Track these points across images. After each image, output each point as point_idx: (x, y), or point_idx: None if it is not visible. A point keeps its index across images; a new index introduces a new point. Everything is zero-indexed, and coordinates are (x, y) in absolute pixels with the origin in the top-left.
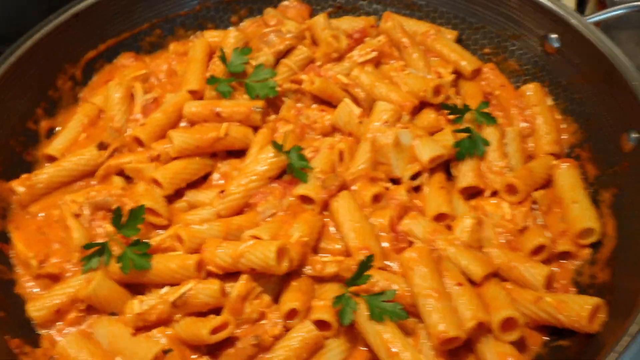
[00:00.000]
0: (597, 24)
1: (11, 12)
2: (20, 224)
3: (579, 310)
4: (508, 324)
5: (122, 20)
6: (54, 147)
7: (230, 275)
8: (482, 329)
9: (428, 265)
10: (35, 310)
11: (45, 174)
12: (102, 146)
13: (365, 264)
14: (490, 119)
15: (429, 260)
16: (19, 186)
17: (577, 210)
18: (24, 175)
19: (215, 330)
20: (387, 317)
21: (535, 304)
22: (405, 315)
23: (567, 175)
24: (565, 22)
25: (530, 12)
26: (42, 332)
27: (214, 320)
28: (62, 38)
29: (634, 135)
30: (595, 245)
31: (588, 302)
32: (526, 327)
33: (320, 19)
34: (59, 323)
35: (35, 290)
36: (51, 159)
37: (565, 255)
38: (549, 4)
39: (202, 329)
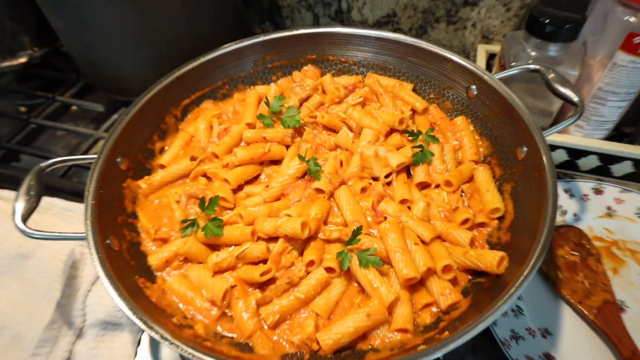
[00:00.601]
0: (501, 79)
1: (137, 75)
2: (143, 207)
3: (491, 260)
4: (447, 268)
5: (205, 80)
6: (164, 159)
7: (272, 239)
8: (430, 272)
9: (396, 232)
10: (153, 260)
11: (158, 175)
12: (193, 158)
13: (357, 231)
14: (435, 139)
15: (397, 228)
16: (142, 183)
17: (490, 196)
18: (145, 177)
19: (262, 274)
20: (370, 265)
21: (464, 255)
22: (381, 263)
23: (482, 174)
24: (480, 78)
25: (458, 72)
26: (158, 274)
27: (263, 267)
28: (169, 91)
29: (524, 149)
30: (500, 219)
31: (497, 255)
32: (458, 270)
33: (327, 78)
34: (167, 269)
35: (153, 248)
36: (162, 166)
37: (481, 224)
38: (471, 67)
39: (255, 273)
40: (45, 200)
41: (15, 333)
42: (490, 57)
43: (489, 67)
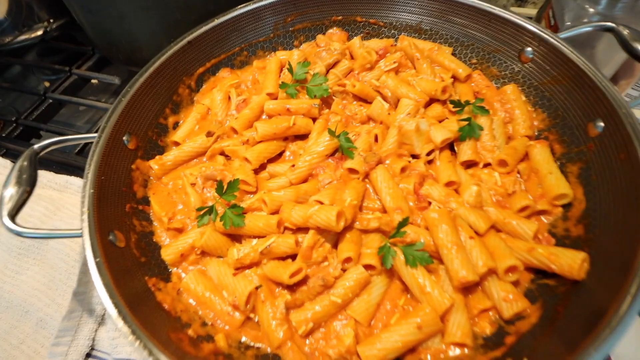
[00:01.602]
0: (566, 39)
1: (150, 43)
2: (156, 190)
3: (571, 262)
4: (510, 269)
5: (221, 46)
6: (177, 135)
7: (301, 229)
8: (490, 272)
9: (448, 224)
10: (167, 255)
11: (171, 155)
12: (209, 134)
13: (403, 223)
14: (484, 111)
15: (448, 219)
16: (154, 164)
17: (553, 179)
18: (157, 157)
19: (292, 275)
20: (418, 263)
21: (529, 253)
22: (431, 261)
23: (541, 152)
24: (540, 38)
25: (510, 32)
26: (173, 270)
27: (292, 267)
28: (181, 59)
29: (600, 123)
30: (566, 206)
31: (578, 257)
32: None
33: (356, 41)
34: (183, 263)
35: (166, 241)
36: (176, 144)
37: (542, 212)
38: (529, 25)
39: (283, 274)
40: (63, 179)
41: (40, 317)
42: None
43: None
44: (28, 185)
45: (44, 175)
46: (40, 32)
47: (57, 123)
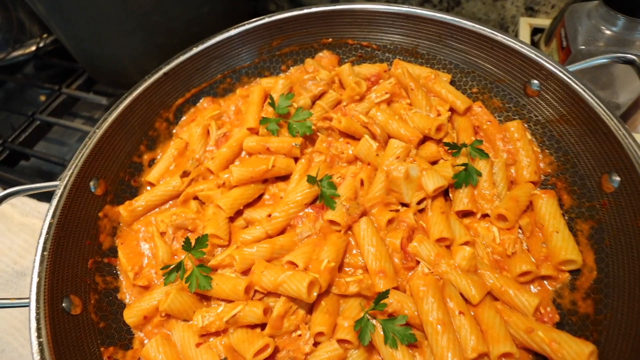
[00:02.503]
0: (576, 72)
1: (134, 67)
2: (125, 239)
3: (575, 357)
4: (506, 355)
5: (202, 75)
6: (152, 176)
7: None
8: (481, 357)
9: (434, 296)
10: (129, 317)
11: (142, 199)
12: (184, 174)
13: (382, 296)
14: (483, 154)
15: (436, 290)
16: (123, 211)
17: (559, 240)
18: (127, 202)
19: (257, 352)
20: (399, 341)
21: (528, 334)
22: (414, 339)
23: (547, 205)
24: (547, 71)
25: (515, 61)
26: (135, 334)
27: (257, 344)
28: (157, 91)
29: (615, 177)
30: (574, 271)
31: (584, 351)
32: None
33: (345, 68)
34: (147, 326)
35: (131, 299)
36: (150, 184)
37: (546, 277)
38: (535, 56)
39: (247, 351)
40: (45, 207)
41: (14, 358)
42: (534, 32)
43: (533, 45)
44: None
45: (26, 203)
46: (33, 48)
47: (50, 141)
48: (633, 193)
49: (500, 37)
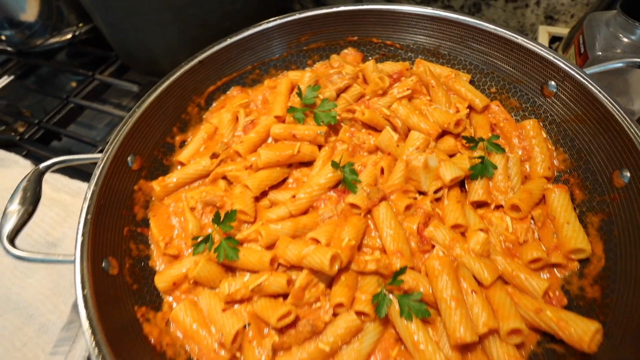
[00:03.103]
0: (593, 75)
1: (167, 56)
2: (156, 212)
3: (581, 334)
4: (514, 331)
5: (233, 65)
6: (183, 155)
7: (295, 266)
8: (491, 332)
9: (449, 275)
10: (160, 282)
11: (174, 177)
12: (214, 156)
13: (400, 272)
14: (499, 149)
15: (450, 269)
16: (157, 185)
17: (570, 230)
18: (160, 178)
19: (281, 318)
20: (414, 315)
21: (537, 314)
22: (428, 313)
23: (559, 199)
24: (565, 73)
25: (534, 63)
26: (165, 298)
27: (280, 310)
28: (191, 78)
29: (625, 173)
30: (583, 260)
31: (590, 328)
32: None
33: (370, 64)
34: (176, 292)
35: (161, 267)
36: (181, 164)
37: (556, 265)
38: (553, 58)
39: (271, 316)
40: (76, 185)
41: (43, 322)
42: (552, 40)
43: None
44: (31, 204)
45: (59, 180)
46: (69, 36)
47: (80, 124)
48: None
49: (520, 39)
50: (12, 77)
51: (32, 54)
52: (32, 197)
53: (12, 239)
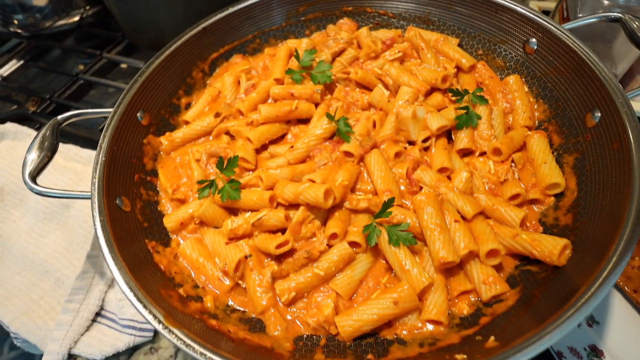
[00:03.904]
0: (570, 30)
1: (172, 31)
2: (164, 164)
3: (551, 248)
4: (492, 253)
5: (235, 33)
6: (188, 115)
7: (293, 206)
8: (472, 255)
9: (434, 206)
10: (168, 222)
11: (180, 132)
12: (217, 115)
13: (388, 203)
14: (483, 100)
15: (435, 202)
16: (164, 140)
17: (546, 169)
18: (168, 133)
19: (279, 246)
20: (402, 242)
21: (513, 239)
22: (414, 241)
23: (538, 142)
24: (545, 29)
25: (516, 23)
26: (173, 237)
27: (280, 238)
28: (196, 44)
29: (597, 114)
30: (558, 196)
31: (559, 243)
32: (504, 255)
33: (364, 30)
34: (183, 232)
35: (170, 210)
36: (186, 122)
37: (534, 201)
38: (534, 16)
39: (270, 244)
40: (87, 153)
41: (58, 277)
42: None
43: None
44: (49, 151)
45: (70, 149)
46: (77, 18)
47: (87, 103)
48: (611, 122)
49: (503, 0)
50: (21, 62)
51: (42, 36)
52: (50, 145)
53: (34, 177)
